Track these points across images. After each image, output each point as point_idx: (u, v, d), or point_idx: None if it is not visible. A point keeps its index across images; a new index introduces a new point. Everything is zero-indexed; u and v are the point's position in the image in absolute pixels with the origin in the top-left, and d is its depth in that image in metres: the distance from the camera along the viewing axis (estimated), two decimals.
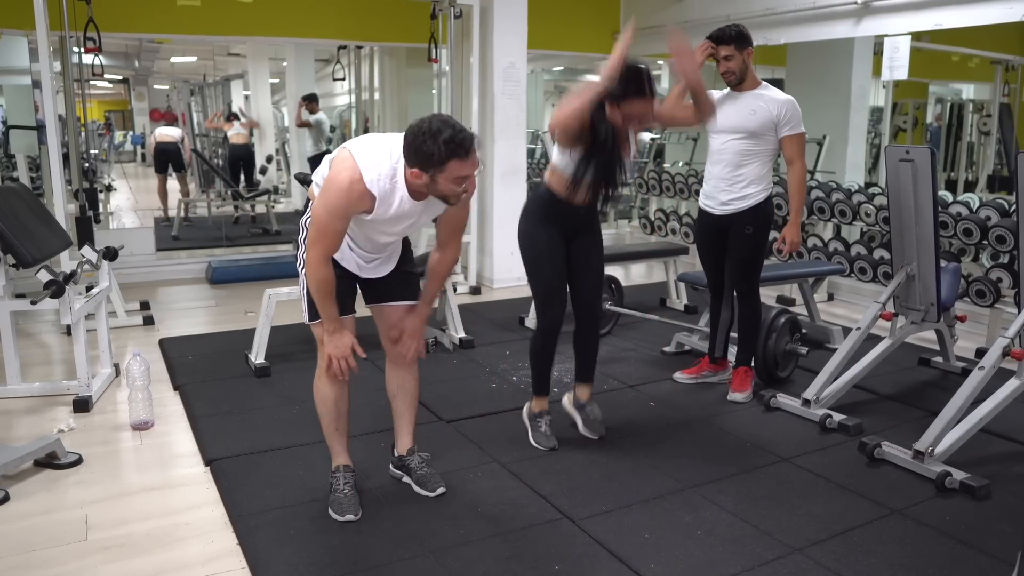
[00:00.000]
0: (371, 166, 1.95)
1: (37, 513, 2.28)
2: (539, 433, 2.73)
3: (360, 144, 2.03)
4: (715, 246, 3.14)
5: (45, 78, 4.06)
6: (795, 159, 2.98)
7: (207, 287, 5.35)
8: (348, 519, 2.20)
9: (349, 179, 1.93)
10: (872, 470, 2.56)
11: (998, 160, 7.26)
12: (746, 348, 3.19)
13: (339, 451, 2.32)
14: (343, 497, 2.26)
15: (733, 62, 2.91)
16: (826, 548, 2.09)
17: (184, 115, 10.21)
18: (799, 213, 3.06)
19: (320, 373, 2.21)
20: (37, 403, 3.13)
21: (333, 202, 1.95)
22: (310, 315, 2.17)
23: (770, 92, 2.96)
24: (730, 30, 2.90)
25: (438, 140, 1.86)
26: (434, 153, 1.87)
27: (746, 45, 2.91)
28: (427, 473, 2.40)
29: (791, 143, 2.95)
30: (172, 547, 2.11)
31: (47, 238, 3.21)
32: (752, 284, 3.11)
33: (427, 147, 1.87)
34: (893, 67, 4.49)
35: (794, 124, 2.93)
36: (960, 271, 3.60)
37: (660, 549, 2.08)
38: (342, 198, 1.94)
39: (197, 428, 2.88)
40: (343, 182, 1.94)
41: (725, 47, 2.89)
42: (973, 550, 2.09)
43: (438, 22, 5.14)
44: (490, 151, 5.20)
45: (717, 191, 3.05)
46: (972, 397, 2.57)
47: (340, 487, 2.28)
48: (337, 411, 2.26)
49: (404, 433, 2.42)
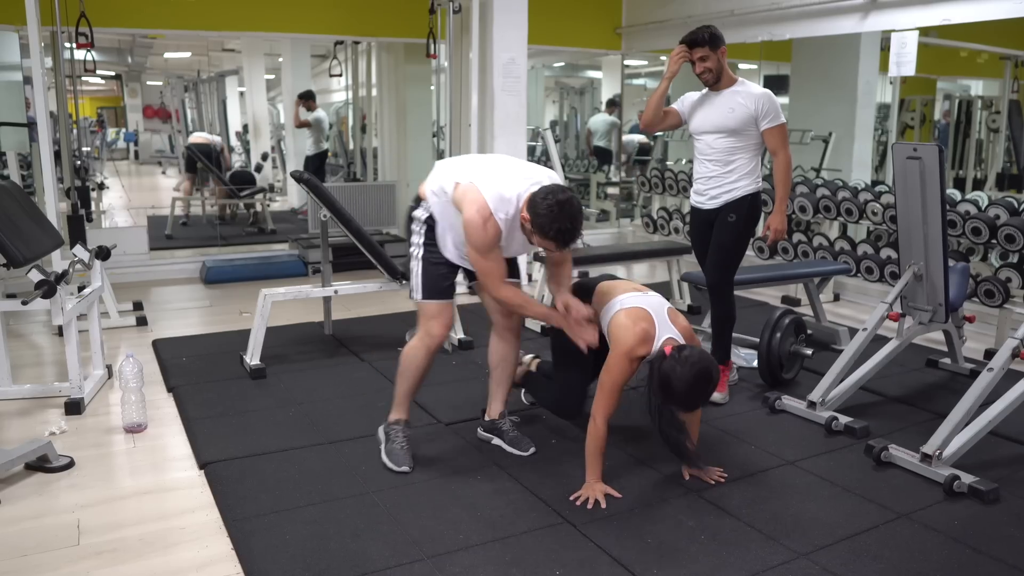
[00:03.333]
0: (500, 207, 2.27)
1: (28, 517, 2.26)
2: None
3: (486, 184, 2.30)
4: (708, 241, 3.15)
5: (36, 74, 4.02)
6: (778, 149, 3.02)
7: (201, 287, 5.32)
8: (404, 470, 2.45)
9: (483, 220, 2.25)
10: (879, 473, 2.54)
11: (1007, 158, 7.25)
12: (719, 347, 3.17)
13: (404, 408, 2.56)
14: (399, 448, 2.50)
15: (709, 61, 2.95)
16: (832, 553, 2.07)
17: (177, 112, 10.17)
18: (784, 201, 3.07)
19: (419, 344, 2.48)
20: (28, 405, 3.11)
21: (479, 243, 2.28)
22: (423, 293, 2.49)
23: (746, 88, 2.99)
24: (703, 32, 2.94)
25: (553, 224, 2.19)
26: (544, 227, 2.20)
27: (719, 45, 2.96)
28: (518, 435, 2.66)
29: (772, 135, 2.99)
30: (165, 552, 2.09)
31: (38, 237, 3.19)
32: (726, 276, 3.10)
33: (542, 219, 2.20)
34: (900, 63, 4.46)
35: (773, 116, 2.96)
36: (968, 271, 3.58)
37: (663, 554, 2.06)
38: (483, 236, 2.27)
39: (191, 431, 2.86)
40: (479, 225, 2.25)
41: (700, 49, 2.94)
42: (982, 555, 2.07)
43: (437, 17, 5.11)
44: (489, 148, 5.17)
45: (707, 187, 3.08)
46: (981, 399, 2.56)
47: (399, 439, 2.52)
48: (419, 379, 2.54)
49: (499, 399, 2.69)
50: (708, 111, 3.01)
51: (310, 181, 3.59)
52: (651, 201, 6.39)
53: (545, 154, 7.74)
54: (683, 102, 3.14)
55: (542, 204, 2.18)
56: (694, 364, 2.18)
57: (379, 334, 2.41)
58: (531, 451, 2.63)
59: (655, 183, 6.16)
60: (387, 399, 2.60)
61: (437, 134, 6.31)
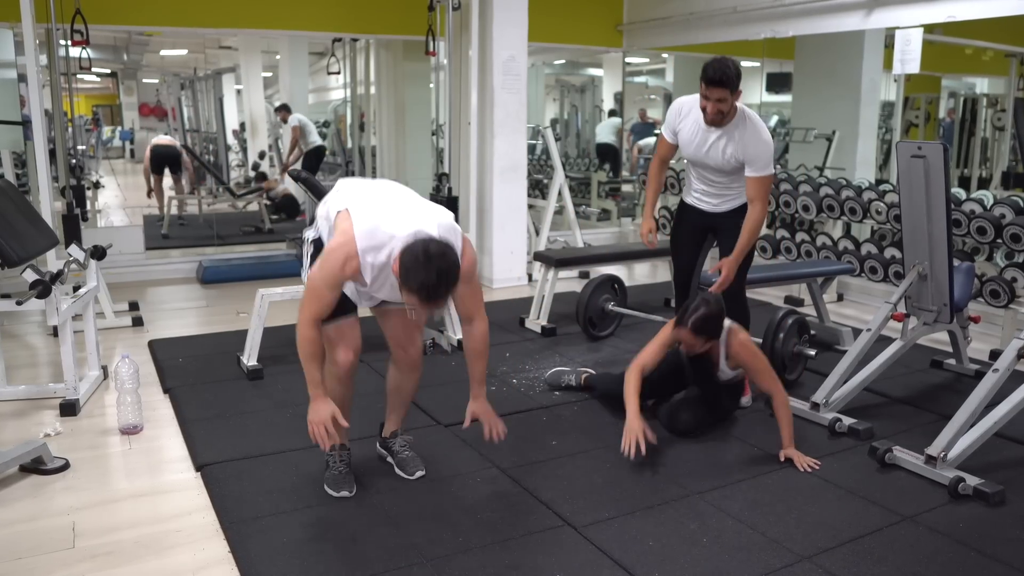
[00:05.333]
0: (369, 248, 2.04)
1: (22, 520, 2.25)
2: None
3: (363, 217, 2.08)
4: (695, 242, 3.14)
5: (31, 72, 4.00)
6: (755, 200, 2.87)
7: (198, 287, 5.30)
8: (343, 495, 2.32)
9: (345, 256, 2.03)
10: (883, 476, 2.53)
11: (1013, 156, 7.24)
12: None
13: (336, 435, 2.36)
14: (338, 474, 2.37)
15: (724, 105, 2.72)
16: (836, 556, 2.06)
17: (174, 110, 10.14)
18: (743, 252, 2.91)
19: (327, 372, 2.26)
20: (23, 406, 3.09)
21: (328, 274, 2.06)
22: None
23: (746, 132, 2.81)
24: (728, 72, 2.65)
25: (417, 276, 1.92)
26: (407, 277, 1.94)
27: (738, 86, 2.72)
28: (408, 456, 2.52)
29: (754, 184, 2.86)
30: (161, 555, 2.08)
31: (33, 236, 3.17)
32: (741, 281, 3.10)
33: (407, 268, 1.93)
34: (905, 60, 4.44)
35: (760, 166, 2.83)
36: (974, 270, 3.55)
37: (665, 558, 2.04)
38: (337, 273, 2.05)
39: (187, 432, 2.84)
40: (338, 259, 2.04)
41: (719, 90, 2.68)
42: (987, 558, 2.06)
43: (436, 14, 5.09)
44: (489, 147, 5.16)
45: (708, 196, 3.05)
46: (986, 400, 2.54)
47: (336, 464, 2.39)
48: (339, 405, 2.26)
49: (393, 419, 2.56)
50: (703, 147, 2.90)
51: (308, 180, 3.57)
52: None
53: (545, 152, 7.72)
54: (671, 128, 2.99)
55: (410, 252, 1.94)
56: None
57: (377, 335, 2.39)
58: (417, 475, 2.45)
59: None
60: (384, 399, 2.58)
61: (436, 132, 6.29)
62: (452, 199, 4.96)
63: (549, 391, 3.25)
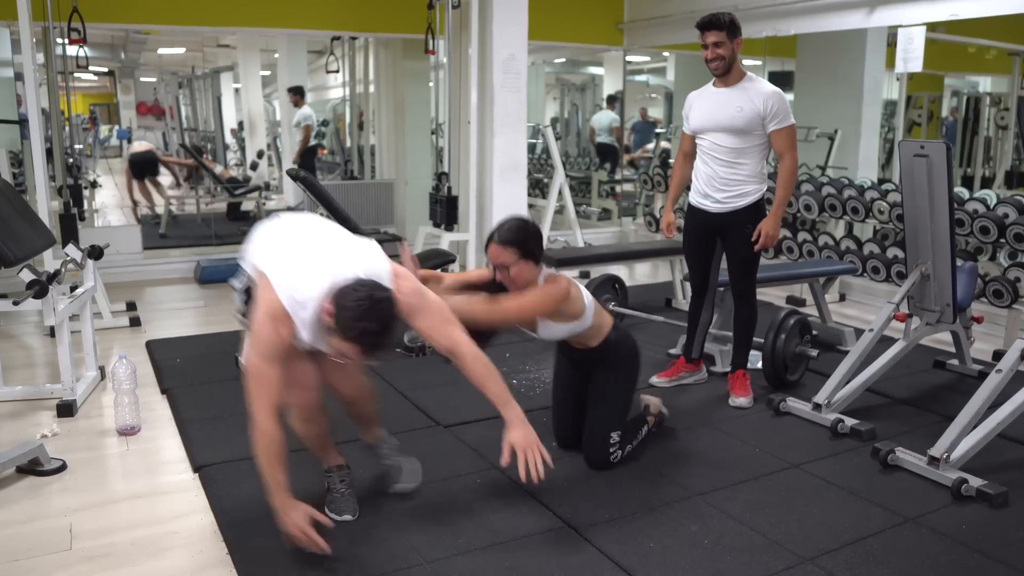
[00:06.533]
0: (296, 305, 1.88)
1: (19, 521, 2.24)
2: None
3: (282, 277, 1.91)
4: (705, 245, 3.12)
5: (28, 70, 3.97)
6: (785, 152, 2.93)
7: (196, 287, 5.29)
8: (345, 519, 2.20)
9: (274, 323, 1.86)
10: (885, 477, 2.52)
11: (1016, 155, 7.24)
12: (744, 350, 3.16)
13: (330, 456, 2.29)
14: (339, 496, 2.25)
15: (723, 48, 2.84)
16: (838, 558, 2.05)
17: (172, 108, 10.13)
18: (782, 205, 2.96)
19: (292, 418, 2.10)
20: (19, 407, 3.09)
21: (266, 346, 1.86)
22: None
23: (756, 85, 2.91)
24: (723, 16, 2.83)
25: (358, 323, 1.79)
26: (346, 324, 1.80)
27: (736, 34, 2.87)
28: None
29: (780, 136, 2.90)
30: (159, 557, 2.07)
31: (30, 236, 3.16)
32: (751, 284, 3.09)
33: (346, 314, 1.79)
34: (907, 59, 4.43)
35: (782, 117, 2.88)
36: (977, 270, 3.54)
37: (666, 559, 2.04)
38: (274, 340, 1.87)
39: (185, 433, 2.83)
40: (270, 328, 1.86)
41: (715, 33, 2.82)
42: (990, 560, 2.06)
43: (435, 12, 5.09)
44: (489, 146, 5.14)
45: (711, 189, 3.01)
46: (989, 401, 2.54)
47: (336, 486, 2.26)
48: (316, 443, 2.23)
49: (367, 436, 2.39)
50: (714, 108, 2.93)
51: (306, 179, 3.56)
52: (653, 200, 6.35)
53: (546, 151, 7.70)
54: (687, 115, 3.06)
55: (351, 296, 1.79)
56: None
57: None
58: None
59: (657, 182, 6.11)
60: (383, 401, 2.56)
61: (436, 131, 6.27)
62: (452, 198, 4.95)
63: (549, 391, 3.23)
